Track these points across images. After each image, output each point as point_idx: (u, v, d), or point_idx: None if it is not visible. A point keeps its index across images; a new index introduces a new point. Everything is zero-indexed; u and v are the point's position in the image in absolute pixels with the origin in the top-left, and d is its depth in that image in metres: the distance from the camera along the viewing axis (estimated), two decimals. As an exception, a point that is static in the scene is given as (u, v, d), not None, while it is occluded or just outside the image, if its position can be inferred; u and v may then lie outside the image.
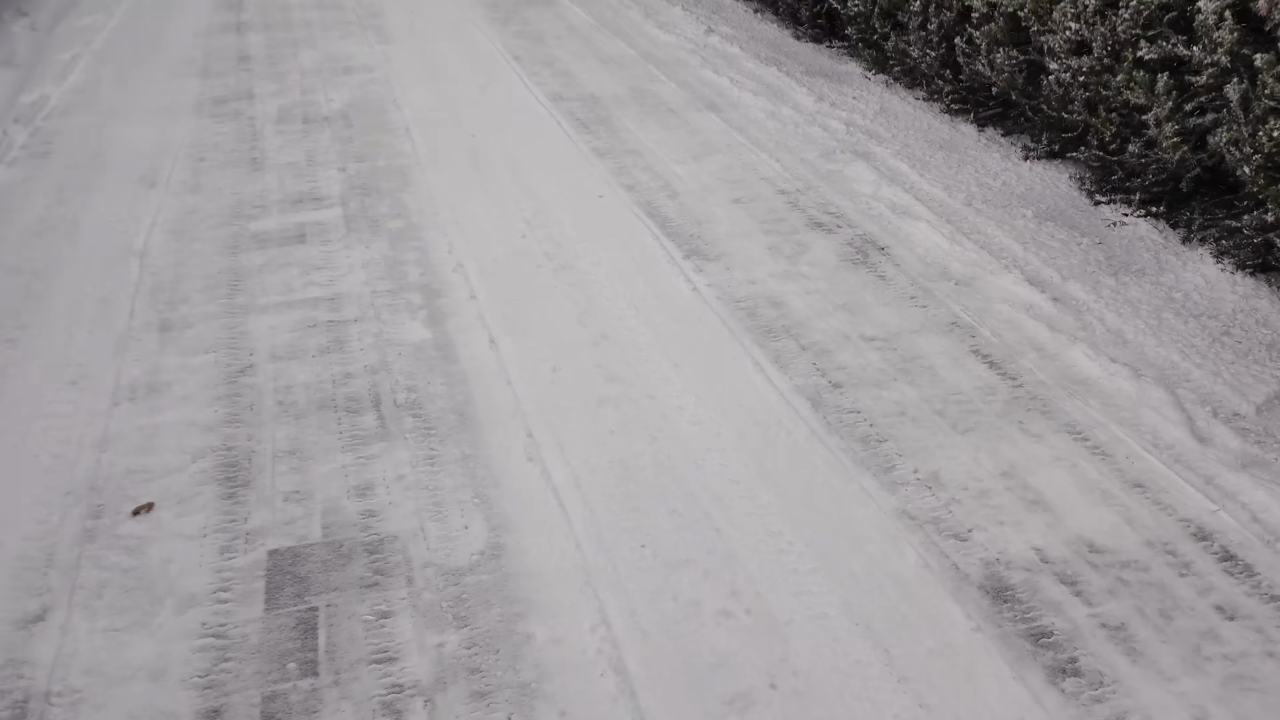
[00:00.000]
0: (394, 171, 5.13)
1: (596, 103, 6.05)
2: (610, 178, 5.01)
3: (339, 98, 6.20)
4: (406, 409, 3.29)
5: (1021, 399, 3.21)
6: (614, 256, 4.24)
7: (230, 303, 3.93)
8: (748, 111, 5.81)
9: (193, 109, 6.05)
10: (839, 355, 3.49)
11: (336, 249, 4.34)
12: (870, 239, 4.28)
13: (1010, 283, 3.85)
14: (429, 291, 4.00)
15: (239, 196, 4.86)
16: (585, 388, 3.38)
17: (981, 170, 4.85)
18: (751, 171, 5.01)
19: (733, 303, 3.86)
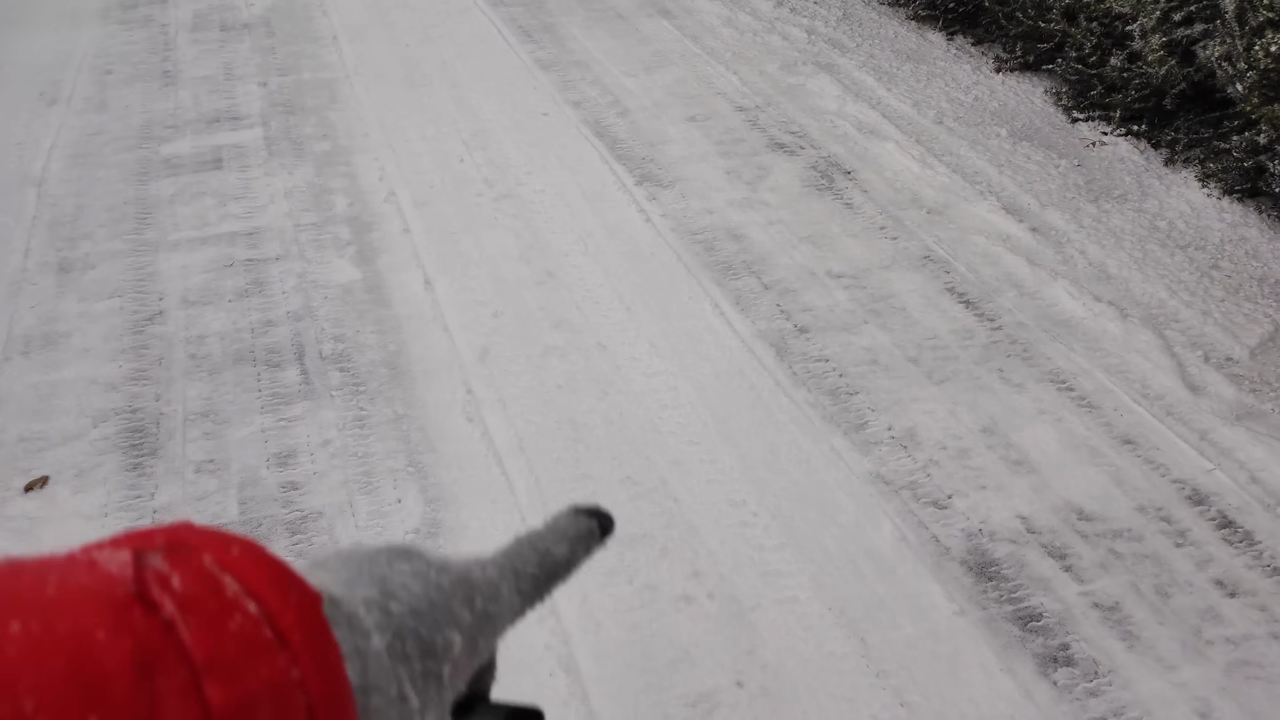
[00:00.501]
0: (320, 86, 4.72)
1: (540, 7, 5.62)
2: (555, 93, 4.64)
3: (260, 2, 5.71)
4: (333, 362, 2.99)
5: (1001, 343, 2.98)
6: (560, 183, 3.92)
7: (138, 239, 3.57)
8: (702, 18, 5.42)
9: (99, 15, 5.54)
10: (805, 295, 3.24)
11: (256, 175, 3.97)
12: (835, 162, 3.99)
13: (985, 211, 3.60)
14: (358, 225, 3.66)
15: (149, 115, 4.44)
16: (529, 335, 3.10)
17: (952, 84, 4.55)
18: (707, 85, 4.67)
19: (689, 235, 3.57)
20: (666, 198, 3.80)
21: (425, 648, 0.44)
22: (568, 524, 0.54)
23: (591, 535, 0.54)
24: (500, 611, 0.49)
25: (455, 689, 0.47)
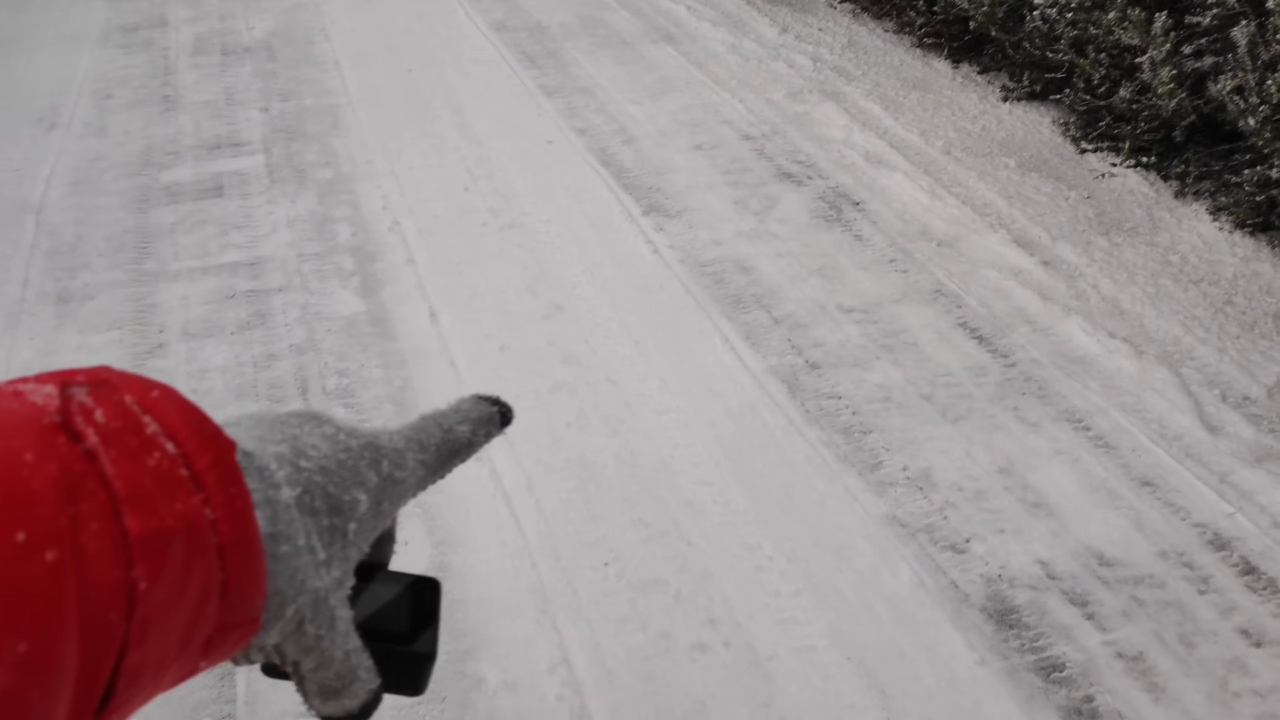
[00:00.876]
0: (322, 112, 4.68)
1: (543, 33, 5.60)
2: (560, 120, 4.61)
3: (261, 25, 5.68)
4: (337, 397, 2.94)
5: (1015, 380, 2.94)
6: (566, 213, 3.88)
7: (138, 269, 3.53)
8: (707, 44, 5.40)
9: (99, 37, 5.51)
10: (815, 329, 3.20)
11: (258, 204, 3.93)
12: (844, 192, 3.96)
13: (996, 243, 3.56)
14: (362, 255, 3.62)
15: (149, 141, 4.40)
16: (538, 369, 3.05)
17: (959, 113, 4.52)
18: (713, 113, 4.65)
19: (698, 267, 3.53)
20: (674, 228, 3.76)
21: (333, 504, 0.46)
22: (470, 407, 0.56)
23: (492, 421, 0.57)
24: (405, 478, 0.51)
25: (359, 548, 0.48)
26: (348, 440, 0.49)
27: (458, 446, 0.55)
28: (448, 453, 0.54)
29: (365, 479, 0.48)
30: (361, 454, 0.49)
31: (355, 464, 0.48)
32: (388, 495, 0.49)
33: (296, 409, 0.49)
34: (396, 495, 0.50)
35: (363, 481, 0.48)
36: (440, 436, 0.54)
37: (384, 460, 0.49)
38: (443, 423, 0.54)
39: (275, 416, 0.48)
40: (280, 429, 0.47)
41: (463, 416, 0.55)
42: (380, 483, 0.49)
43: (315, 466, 0.46)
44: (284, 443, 0.46)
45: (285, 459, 0.45)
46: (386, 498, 0.49)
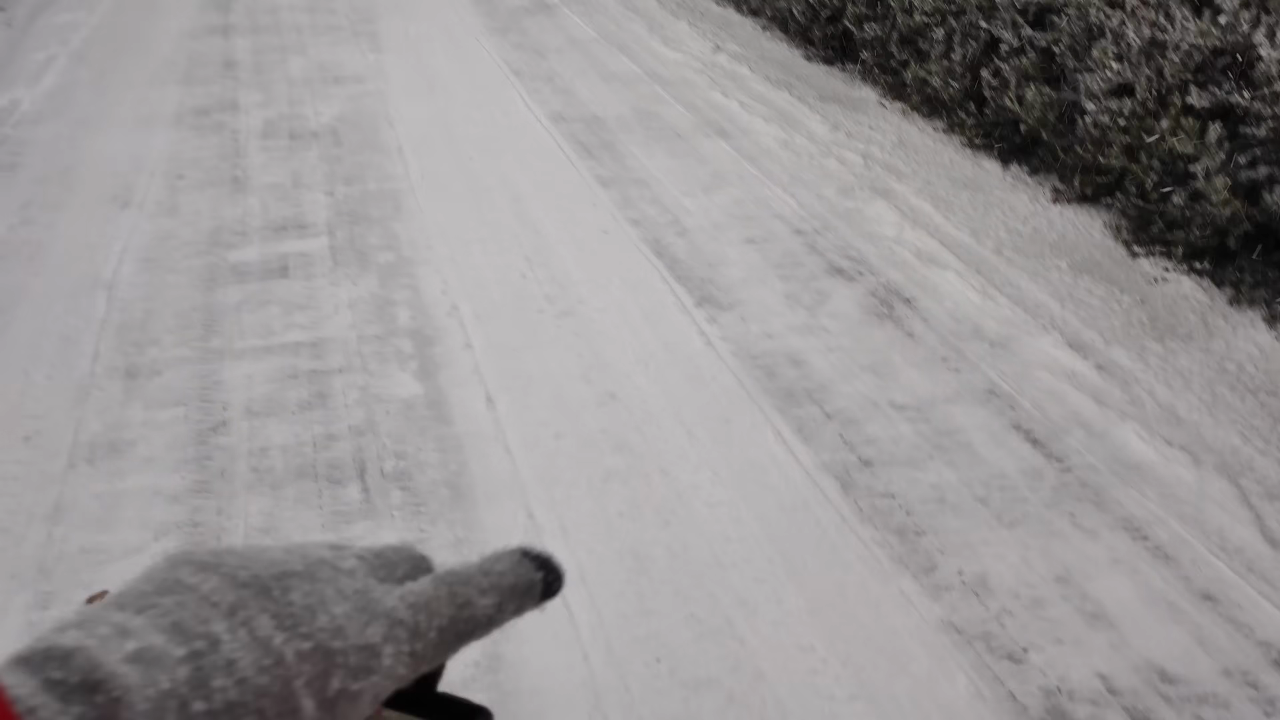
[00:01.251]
0: (385, 196, 4.82)
1: (600, 124, 5.75)
2: (615, 210, 4.71)
3: (328, 111, 5.88)
4: (394, 480, 2.98)
5: (1071, 486, 2.93)
6: (620, 301, 3.94)
7: (204, 346, 3.62)
8: (759, 139, 5.52)
9: (173, 119, 5.72)
10: (868, 426, 3.21)
11: (321, 285, 4.03)
12: (895, 289, 3.99)
13: (1049, 346, 3.57)
14: (421, 338, 3.69)
15: (218, 221, 4.54)
16: (590, 458, 3.08)
17: (1009, 213, 4.57)
18: (765, 207, 4.72)
19: (750, 359, 3.57)
20: (726, 320, 3.81)
21: None
22: (507, 569, 0.44)
23: (530, 592, 0.44)
24: (370, 687, 0.40)
25: None
26: (285, 646, 0.38)
27: (473, 626, 0.43)
28: (454, 636, 0.43)
29: (297, 709, 0.37)
30: (299, 669, 0.38)
31: (285, 689, 0.37)
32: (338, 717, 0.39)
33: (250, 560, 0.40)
34: (355, 713, 0.39)
35: (293, 712, 0.37)
36: (449, 615, 0.42)
37: (336, 673, 0.38)
38: (460, 593, 0.43)
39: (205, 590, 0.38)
40: (202, 619, 0.37)
41: (492, 583, 0.44)
42: (322, 712, 0.38)
43: (220, 704, 0.36)
44: (185, 663, 0.36)
45: (173, 698, 0.35)
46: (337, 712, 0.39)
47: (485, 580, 0.44)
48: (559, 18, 7.94)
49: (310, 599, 0.40)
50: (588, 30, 7.60)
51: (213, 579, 0.39)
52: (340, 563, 0.42)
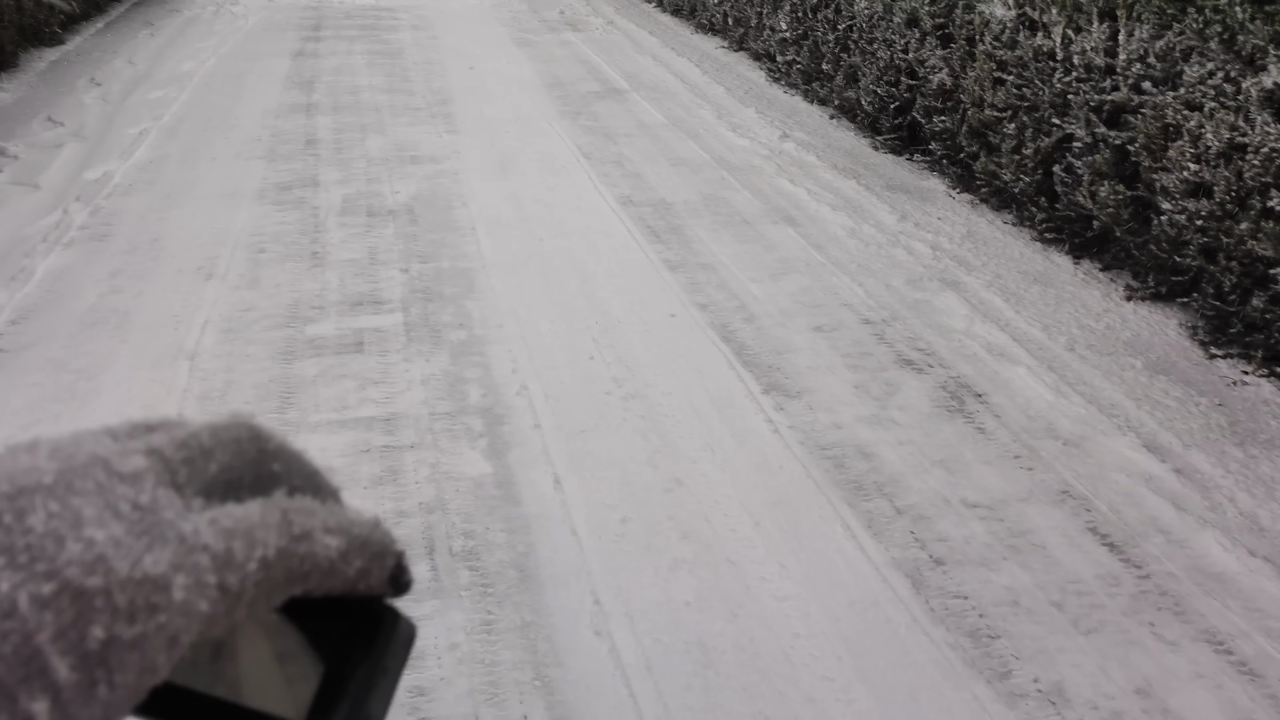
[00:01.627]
0: (458, 275, 4.92)
1: (668, 209, 5.83)
2: (683, 294, 4.76)
3: (405, 190, 6.03)
4: (463, 559, 3.00)
5: (1150, 594, 2.86)
6: (687, 386, 3.96)
7: (281, 418, 3.69)
8: (826, 227, 5.56)
9: (256, 194, 5.91)
10: (939, 523, 3.17)
11: (395, 361, 4.10)
12: (966, 383, 3.97)
13: (1125, 447, 3.52)
14: (491, 417, 3.73)
15: (297, 295, 4.66)
16: (657, 545, 3.08)
17: (1082, 310, 4.54)
18: (833, 295, 4.74)
19: (818, 450, 3.55)
20: (794, 409, 3.81)
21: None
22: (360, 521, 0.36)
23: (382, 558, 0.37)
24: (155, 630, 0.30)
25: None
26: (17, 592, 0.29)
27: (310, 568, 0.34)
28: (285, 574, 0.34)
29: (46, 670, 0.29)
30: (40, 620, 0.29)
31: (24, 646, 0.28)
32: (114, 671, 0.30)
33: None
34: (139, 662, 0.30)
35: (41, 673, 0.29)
36: (279, 546, 0.33)
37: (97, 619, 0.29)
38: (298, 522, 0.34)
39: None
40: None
41: (340, 524, 0.35)
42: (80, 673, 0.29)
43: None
44: None
45: None
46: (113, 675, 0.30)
47: (333, 519, 0.35)
48: (629, 103, 8.12)
49: (56, 523, 0.30)
50: (657, 116, 7.75)
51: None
52: (119, 464, 0.33)
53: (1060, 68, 4.85)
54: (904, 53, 6.42)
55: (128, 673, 0.30)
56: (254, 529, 0.33)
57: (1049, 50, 4.92)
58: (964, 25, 5.72)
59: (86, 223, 5.43)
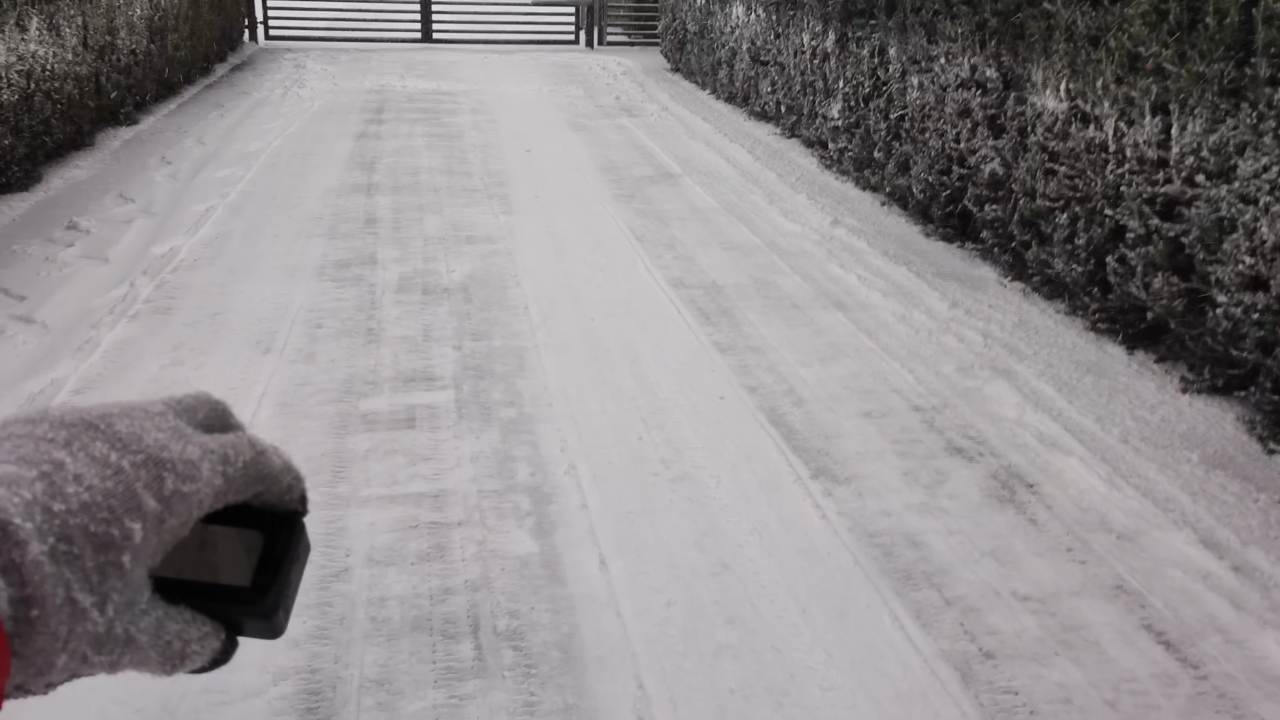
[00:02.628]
0: (510, 353, 4.98)
1: (718, 291, 5.89)
2: (732, 377, 4.78)
3: (460, 269, 6.16)
4: (507, 639, 3.00)
5: (1208, 695, 2.78)
6: (735, 469, 3.96)
7: (332, 492, 3.74)
8: (876, 313, 5.57)
9: (315, 271, 6.06)
10: (989, 616, 3.11)
11: (446, 438, 4.15)
12: (1017, 473, 3.93)
13: (1181, 542, 3.45)
14: (539, 495, 3.75)
15: (352, 370, 4.75)
16: (702, 629, 3.05)
17: (1136, 401, 4.49)
18: (882, 381, 4.74)
19: (866, 537, 3.52)
20: (843, 495, 3.79)
21: (99, 542, 0.43)
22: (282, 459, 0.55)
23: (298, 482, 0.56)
24: (195, 491, 0.48)
25: (142, 571, 0.46)
26: (121, 460, 0.46)
27: (268, 471, 0.53)
28: (256, 474, 0.52)
29: (141, 504, 0.45)
30: (137, 475, 0.46)
31: (128, 490, 0.45)
32: (175, 512, 0.47)
33: (66, 415, 0.47)
34: (186, 509, 0.48)
35: (138, 507, 0.45)
36: (251, 456, 0.52)
37: (167, 476, 0.47)
38: (256, 442, 0.53)
39: (37, 436, 0.45)
40: (39, 455, 0.44)
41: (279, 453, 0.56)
42: (161, 506, 0.46)
43: (76, 505, 0.44)
44: (39, 480, 0.43)
45: (36, 504, 0.43)
46: (173, 515, 0.47)
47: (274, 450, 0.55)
48: (682, 187, 8.25)
49: (133, 428, 0.48)
50: (709, 200, 7.87)
51: (42, 425, 0.47)
52: (150, 408, 0.51)
53: (1113, 160, 4.87)
54: (955, 142, 6.49)
55: (183, 513, 0.48)
56: (235, 444, 0.52)
57: (1101, 142, 4.95)
58: (1016, 116, 5.78)
59: (151, 296, 5.59)
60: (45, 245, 6.38)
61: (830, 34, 8.59)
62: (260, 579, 0.54)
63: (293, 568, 0.55)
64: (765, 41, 10.38)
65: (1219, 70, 4.12)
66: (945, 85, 6.58)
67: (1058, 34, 5.26)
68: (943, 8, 6.56)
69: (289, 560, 0.55)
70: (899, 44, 7.29)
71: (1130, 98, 4.70)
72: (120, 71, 9.57)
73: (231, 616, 0.53)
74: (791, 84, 9.65)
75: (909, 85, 7.15)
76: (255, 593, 0.54)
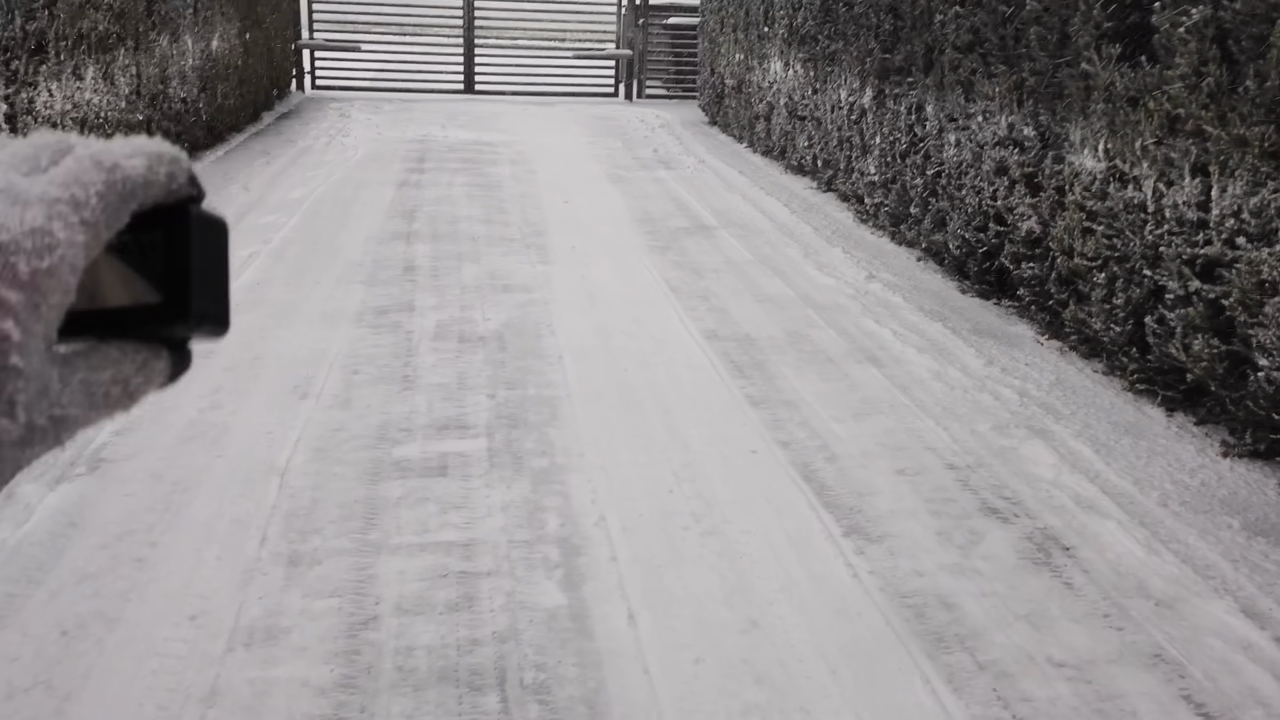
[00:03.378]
0: (543, 403, 5.00)
1: (752, 344, 5.89)
2: (764, 431, 4.76)
3: (496, 317, 6.21)
4: (533, 692, 2.98)
5: (1250, 772, 2.70)
6: (766, 525, 3.94)
7: (363, 539, 3.76)
8: (911, 369, 5.55)
9: (354, 317, 6.14)
10: (1023, 681, 3.06)
11: (477, 486, 4.16)
12: (1053, 535, 3.87)
13: (1222, 611, 3.38)
14: (568, 547, 3.75)
15: (386, 417, 4.78)
16: (730, 688, 3.02)
17: (1175, 464, 4.42)
18: (916, 439, 4.70)
19: (898, 598, 3.48)
20: (875, 553, 3.75)
21: None
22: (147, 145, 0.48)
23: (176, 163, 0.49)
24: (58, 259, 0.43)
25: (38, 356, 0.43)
26: None
27: (132, 187, 0.46)
28: (118, 197, 0.46)
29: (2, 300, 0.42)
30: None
31: None
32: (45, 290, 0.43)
33: None
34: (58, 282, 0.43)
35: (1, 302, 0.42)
36: (103, 180, 0.45)
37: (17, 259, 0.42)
38: (103, 156, 0.46)
39: None
40: None
41: (136, 149, 0.47)
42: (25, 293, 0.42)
43: None
44: None
45: None
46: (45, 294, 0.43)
47: (127, 147, 0.47)
48: (717, 239, 8.30)
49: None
50: (744, 252, 7.90)
51: None
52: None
53: (1151, 220, 4.85)
54: (992, 200, 6.48)
55: (54, 293, 0.43)
56: (78, 175, 0.45)
57: (1140, 203, 4.93)
58: (1053, 175, 5.77)
59: (194, 339, 5.67)
60: (92, 288, 6.51)
61: (868, 90, 8.65)
62: (174, 283, 0.50)
63: (203, 261, 0.51)
64: (803, 96, 10.47)
65: (1260, 133, 4.10)
66: (982, 143, 6.60)
67: (1096, 94, 5.26)
68: (980, 66, 6.60)
69: (194, 252, 0.50)
70: (936, 101, 7.33)
71: (1170, 159, 4.68)
72: (171, 119, 9.80)
73: (164, 333, 0.52)
74: (828, 139, 9.71)
75: (946, 142, 7.18)
76: (173, 299, 0.51)
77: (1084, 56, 5.35)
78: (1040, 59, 5.84)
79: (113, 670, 3.01)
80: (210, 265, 0.52)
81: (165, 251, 0.49)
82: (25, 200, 0.43)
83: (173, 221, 0.49)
